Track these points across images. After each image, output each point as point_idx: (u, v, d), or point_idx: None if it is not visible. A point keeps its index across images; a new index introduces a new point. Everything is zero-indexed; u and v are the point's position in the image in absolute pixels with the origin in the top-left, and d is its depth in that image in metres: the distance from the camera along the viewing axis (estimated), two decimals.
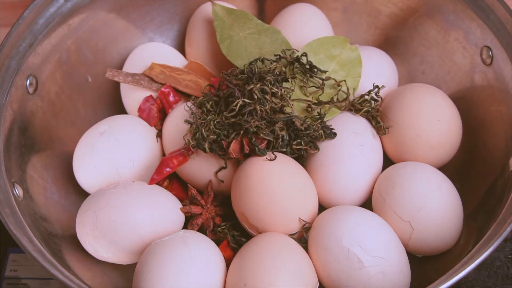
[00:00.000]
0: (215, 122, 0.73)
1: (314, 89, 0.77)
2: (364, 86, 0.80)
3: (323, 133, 0.73)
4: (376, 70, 0.83)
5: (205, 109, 0.75)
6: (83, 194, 0.78)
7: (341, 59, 0.80)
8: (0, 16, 0.97)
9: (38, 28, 0.79)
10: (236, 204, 0.71)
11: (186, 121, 0.75)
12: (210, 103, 0.75)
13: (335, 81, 0.78)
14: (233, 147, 0.71)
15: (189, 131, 0.75)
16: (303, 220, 0.70)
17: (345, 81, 0.77)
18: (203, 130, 0.72)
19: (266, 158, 0.70)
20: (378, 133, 0.77)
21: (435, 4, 0.85)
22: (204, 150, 0.72)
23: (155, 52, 0.87)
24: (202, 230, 0.74)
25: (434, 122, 0.75)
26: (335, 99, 0.77)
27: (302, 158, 0.74)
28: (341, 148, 0.74)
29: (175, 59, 0.87)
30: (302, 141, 0.72)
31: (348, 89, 0.77)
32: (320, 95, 0.77)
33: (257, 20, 0.83)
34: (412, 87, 0.80)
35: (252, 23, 0.83)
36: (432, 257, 0.72)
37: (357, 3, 0.92)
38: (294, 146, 0.72)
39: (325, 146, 0.74)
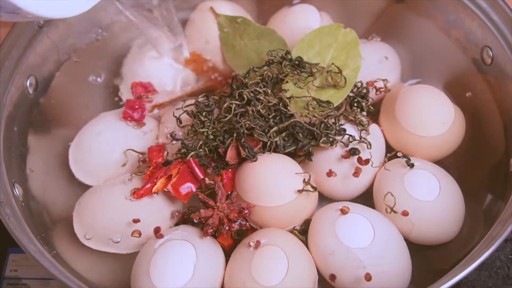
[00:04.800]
0: (211, 132, 0.74)
1: (310, 78, 0.77)
2: (367, 78, 0.80)
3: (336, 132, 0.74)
4: (379, 64, 0.83)
5: (198, 121, 0.75)
6: (83, 191, 0.77)
7: (338, 45, 0.80)
8: None
9: (38, 28, 0.79)
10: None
11: (172, 136, 0.75)
12: (204, 113, 0.75)
13: (336, 67, 0.77)
14: (230, 154, 0.72)
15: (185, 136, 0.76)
16: (302, 172, 0.71)
17: (340, 70, 0.77)
18: (191, 143, 0.73)
19: (251, 160, 0.71)
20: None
21: (436, 4, 0.85)
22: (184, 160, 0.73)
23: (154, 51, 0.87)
24: (219, 231, 0.70)
25: (439, 125, 0.76)
26: (341, 84, 0.77)
27: (309, 156, 0.74)
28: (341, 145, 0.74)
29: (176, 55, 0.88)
30: (323, 140, 0.73)
31: (345, 79, 0.77)
32: (313, 81, 0.77)
33: (255, 23, 0.85)
34: (420, 90, 0.79)
35: (250, 28, 0.85)
36: (434, 254, 0.72)
37: (356, 3, 0.92)
38: (321, 144, 0.72)
39: None
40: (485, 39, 0.79)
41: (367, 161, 0.72)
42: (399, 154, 0.75)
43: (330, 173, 0.73)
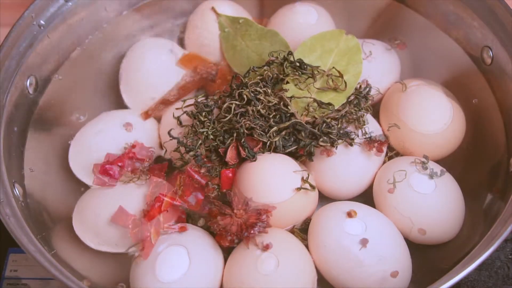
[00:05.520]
0: (211, 132, 0.74)
1: (310, 80, 0.77)
2: (367, 78, 0.80)
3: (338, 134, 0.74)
4: (379, 63, 0.83)
5: (198, 121, 0.75)
6: (83, 191, 0.77)
7: (339, 50, 0.80)
8: (0, 16, 0.97)
9: (38, 28, 0.79)
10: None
11: (170, 135, 0.75)
12: (203, 113, 0.75)
13: (337, 70, 0.77)
14: (230, 155, 0.72)
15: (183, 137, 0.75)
16: (300, 170, 0.71)
17: (341, 74, 0.77)
18: (189, 142, 0.73)
19: (252, 160, 0.71)
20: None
21: (436, 4, 0.85)
22: (186, 163, 0.73)
23: (154, 46, 0.87)
24: (238, 237, 0.69)
25: (441, 126, 0.76)
26: (341, 88, 0.77)
27: (310, 156, 0.74)
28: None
29: (175, 51, 0.88)
30: (322, 139, 0.73)
31: (346, 83, 0.77)
32: (314, 83, 0.77)
33: (258, 25, 0.85)
34: (423, 91, 0.79)
35: (252, 29, 0.85)
36: (434, 253, 0.72)
37: (357, 2, 0.92)
38: (320, 143, 0.72)
39: None
40: (485, 39, 0.79)
41: (387, 141, 0.75)
42: (424, 155, 0.74)
43: (329, 152, 0.73)
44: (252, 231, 0.68)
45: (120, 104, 0.85)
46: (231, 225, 0.68)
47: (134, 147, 0.77)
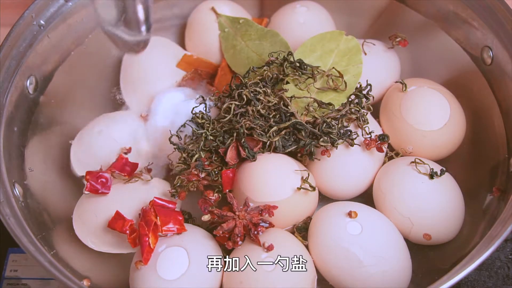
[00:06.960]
0: (210, 133, 0.74)
1: (310, 80, 0.77)
2: (367, 77, 0.79)
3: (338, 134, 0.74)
4: (379, 63, 0.83)
5: (198, 123, 0.75)
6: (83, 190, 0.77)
7: (339, 51, 0.80)
8: (0, 16, 0.97)
9: (38, 28, 0.79)
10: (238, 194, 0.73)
11: (171, 141, 0.75)
12: (200, 115, 0.76)
13: (337, 71, 0.78)
14: (230, 155, 0.72)
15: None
16: (300, 170, 0.71)
17: (341, 74, 0.77)
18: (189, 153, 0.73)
19: (251, 160, 0.71)
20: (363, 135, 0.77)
21: (436, 4, 0.85)
22: (189, 167, 0.73)
23: (155, 46, 0.87)
24: (249, 237, 0.69)
25: (441, 126, 0.76)
26: (341, 88, 0.77)
27: (311, 155, 0.74)
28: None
29: (176, 52, 0.88)
30: (323, 139, 0.73)
31: (346, 83, 0.77)
32: (313, 83, 0.77)
33: (258, 25, 0.85)
34: (425, 92, 0.79)
35: (252, 30, 0.85)
36: (434, 254, 0.72)
37: (357, 2, 0.92)
38: (321, 143, 0.72)
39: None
40: (485, 39, 0.79)
41: (387, 141, 0.75)
42: (426, 161, 0.73)
43: (328, 152, 0.73)
44: (259, 229, 0.68)
45: (120, 104, 0.85)
46: (236, 227, 0.68)
47: (129, 151, 0.77)
